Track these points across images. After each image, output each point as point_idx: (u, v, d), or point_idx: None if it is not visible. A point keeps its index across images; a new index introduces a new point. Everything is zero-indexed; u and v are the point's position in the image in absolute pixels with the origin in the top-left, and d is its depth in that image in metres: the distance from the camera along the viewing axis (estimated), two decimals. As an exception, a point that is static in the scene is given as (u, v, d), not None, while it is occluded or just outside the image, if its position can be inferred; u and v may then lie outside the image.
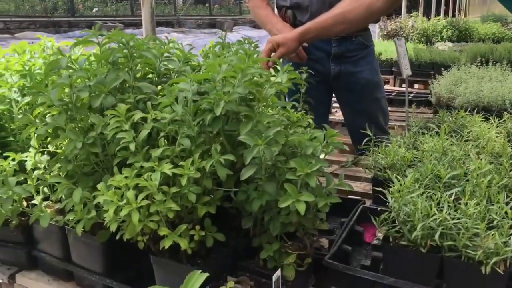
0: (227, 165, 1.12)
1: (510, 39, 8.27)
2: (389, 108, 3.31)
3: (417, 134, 1.95)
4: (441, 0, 15.75)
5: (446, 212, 1.16)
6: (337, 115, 3.68)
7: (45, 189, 1.38)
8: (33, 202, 1.36)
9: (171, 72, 1.45)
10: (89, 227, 1.17)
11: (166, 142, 1.18)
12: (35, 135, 1.36)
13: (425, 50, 5.24)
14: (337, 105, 3.11)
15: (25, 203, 1.38)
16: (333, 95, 2.57)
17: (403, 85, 5.39)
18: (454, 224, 1.15)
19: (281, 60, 1.77)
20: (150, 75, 1.45)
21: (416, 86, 5.24)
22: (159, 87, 1.38)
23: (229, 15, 17.99)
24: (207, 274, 0.81)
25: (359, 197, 1.86)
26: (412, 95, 4.51)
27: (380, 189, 1.38)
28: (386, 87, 4.99)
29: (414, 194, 1.26)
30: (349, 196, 1.79)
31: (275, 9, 2.39)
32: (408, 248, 1.19)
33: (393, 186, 1.31)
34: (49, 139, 1.40)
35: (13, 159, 1.35)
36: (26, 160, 1.36)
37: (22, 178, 1.33)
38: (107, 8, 16.58)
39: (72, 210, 1.17)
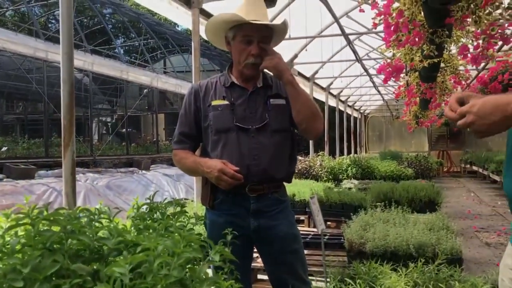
0: None
1: (406, 177, 9.27)
2: (306, 252, 3.47)
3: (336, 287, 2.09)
4: (343, 138, 17.36)
5: None
6: (259, 261, 3.75)
7: None
8: None
9: (104, 248, 1.50)
10: None
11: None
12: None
13: (335, 192, 5.71)
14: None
15: None
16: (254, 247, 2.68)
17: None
18: None
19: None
20: (82, 252, 1.48)
21: (328, 223, 5.56)
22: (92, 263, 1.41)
23: (146, 154, 18.22)
24: None
25: None
26: (326, 237, 4.77)
27: None
28: (301, 228, 5.25)
29: None
30: None
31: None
32: None
33: None
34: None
35: None
36: None
37: None
38: (18, 147, 16.04)
39: None
